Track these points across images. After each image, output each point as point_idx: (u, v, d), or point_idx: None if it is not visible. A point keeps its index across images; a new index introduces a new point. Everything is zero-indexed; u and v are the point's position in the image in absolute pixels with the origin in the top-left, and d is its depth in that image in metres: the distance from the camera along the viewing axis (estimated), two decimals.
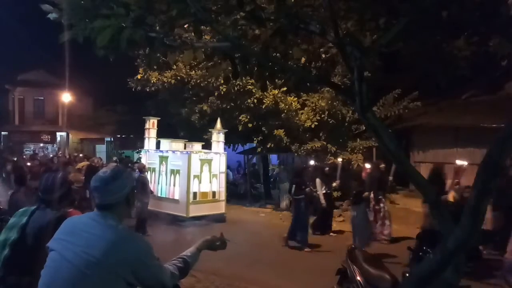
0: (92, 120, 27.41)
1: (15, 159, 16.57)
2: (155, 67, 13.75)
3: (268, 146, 13.25)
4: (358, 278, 4.20)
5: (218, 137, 12.41)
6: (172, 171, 11.58)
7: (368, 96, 3.05)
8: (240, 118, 13.22)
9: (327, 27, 3.09)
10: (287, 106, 12.40)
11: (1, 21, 23.34)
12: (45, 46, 21.89)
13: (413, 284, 3.01)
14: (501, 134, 2.62)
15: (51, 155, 20.20)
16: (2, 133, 27.63)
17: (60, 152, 23.42)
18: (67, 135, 27.81)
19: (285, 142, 12.66)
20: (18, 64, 25.90)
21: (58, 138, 28.62)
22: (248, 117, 13.11)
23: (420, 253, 3.94)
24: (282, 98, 12.46)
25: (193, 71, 13.88)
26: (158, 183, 12.01)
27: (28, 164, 14.53)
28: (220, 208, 11.90)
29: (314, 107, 12.40)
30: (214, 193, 11.73)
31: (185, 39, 3.22)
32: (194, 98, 14.54)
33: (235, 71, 3.26)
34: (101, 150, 26.96)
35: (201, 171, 11.45)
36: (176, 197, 11.36)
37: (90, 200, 11.52)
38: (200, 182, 11.37)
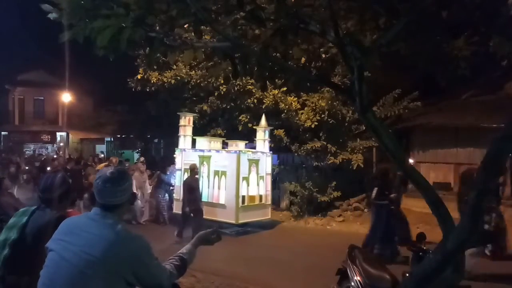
0: (92, 120, 27.41)
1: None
2: (155, 67, 13.78)
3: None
4: (358, 278, 4.20)
5: (263, 135, 11.41)
6: (216, 173, 10.28)
7: (368, 96, 3.05)
8: (240, 118, 13.22)
9: (327, 27, 3.09)
10: (287, 106, 12.39)
11: (1, 21, 23.35)
12: (45, 46, 21.89)
13: (413, 284, 3.01)
14: (501, 134, 2.62)
15: (62, 155, 19.90)
16: (2, 133, 27.63)
17: (61, 152, 23.43)
18: (67, 135, 27.81)
19: (285, 142, 12.66)
20: (18, 64, 25.92)
21: (58, 138, 28.62)
22: (248, 117, 13.11)
23: (420, 253, 3.93)
24: (282, 98, 12.46)
25: (193, 71, 13.87)
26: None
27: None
28: (267, 213, 10.96)
29: (314, 107, 12.39)
30: (261, 197, 10.70)
31: (185, 39, 3.22)
32: (194, 98, 14.54)
33: (235, 71, 3.26)
34: (101, 150, 26.97)
35: (249, 172, 10.37)
36: (222, 201, 10.07)
37: None
38: (248, 185, 10.24)
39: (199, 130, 14.43)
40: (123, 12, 2.63)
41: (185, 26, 3.25)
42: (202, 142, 11.23)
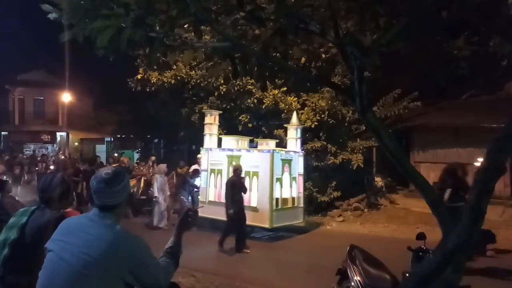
0: (92, 120, 27.42)
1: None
2: (155, 67, 13.78)
3: None
4: (358, 278, 4.20)
5: (295, 134, 10.76)
6: (247, 173, 9.49)
7: (368, 96, 3.05)
8: (240, 118, 13.23)
9: (327, 27, 3.09)
10: (287, 106, 12.40)
11: (1, 21, 23.35)
12: (45, 46, 21.91)
13: (413, 284, 3.01)
14: (501, 135, 2.62)
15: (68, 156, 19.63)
16: (2, 133, 27.61)
17: (60, 152, 23.42)
18: (67, 135, 27.80)
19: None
20: (18, 64, 25.91)
21: (58, 138, 28.61)
22: (248, 117, 13.12)
23: (420, 253, 3.93)
24: (282, 98, 12.46)
25: (193, 71, 13.88)
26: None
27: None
28: (299, 216, 10.27)
29: (314, 107, 12.40)
30: (293, 199, 10.06)
31: (185, 39, 3.22)
32: (194, 98, 14.54)
33: (235, 71, 3.26)
34: (101, 150, 26.97)
35: (282, 173, 9.72)
36: (254, 204, 9.31)
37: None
38: (281, 186, 9.61)
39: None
40: (123, 12, 2.63)
41: (185, 26, 3.25)
42: (229, 141, 10.60)
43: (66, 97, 24.30)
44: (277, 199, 9.33)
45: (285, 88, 12.44)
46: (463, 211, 2.68)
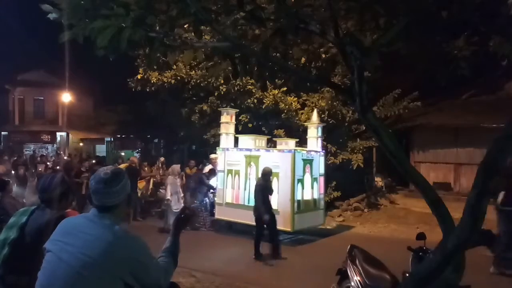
0: (92, 120, 27.42)
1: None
2: (155, 67, 13.76)
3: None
4: (358, 278, 4.20)
5: (316, 133, 10.22)
6: None
7: (368, 96, 3.05)
8: (240, 118, 13.22)
9: (327, 27, 3.09)
10: (287, 106, 12.40)
11: (1, 21, 23.34)
12: (45, 46, 21.90)
13: (413, 284, 3.01)
14: (501, 135, 2.62)
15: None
16: (2, 133, 27.61)
17: (61, 152, 23.41)
18: (67, 135, 27.81)
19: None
20: (18, 64, 25.93)
21: (58, 138, 28.62)
22: (248, 117, 13.12)
23: (420, 253, 3.93)
24: (282, 98, 12.46)
25: (193, 71, 13.87)
26: (245, 189, 9.56)
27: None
28: (320, 218, 9.88)
29: (314, 107, 12.39)
30: (315, 201, 9.64)
31: (185, 39, 3.22)
32: (194, 98, 14.54)
33: (235, 71, 3.27)
34: (101, 150, 26.97)
35: (304, 173, 9.29)
36: (274, 206, 8.58)
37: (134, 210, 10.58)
38: (303, 188, 9.20)
39: (199, 130, 14.47)
40: (123, 12, 2.63)
41: (185, 26, 3.25)
42: (246, 140, 10.12)
43: (66, 97, 24.31)
44: (298, 201, 8.92)
45: (285, 88, 12.44)
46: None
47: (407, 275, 3.80)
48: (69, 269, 1.75)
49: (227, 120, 10.39)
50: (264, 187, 7.97)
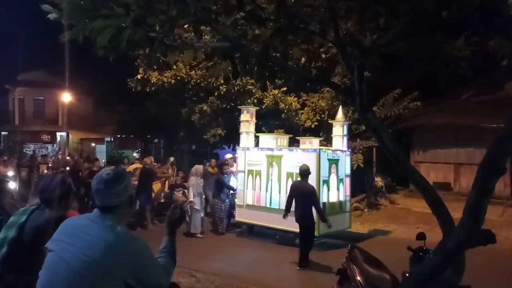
0: (92, 120, 27.43)
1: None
2: (155, 67, 13.76)
3: None
4: (358, 278, 4.20)
5: (341, 131, 9.69)
6: (290, 175, 8.66)
7: (368, 96, 3.05)
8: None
9: (327, 27, 3.09)
10: (287, 106, 12.40)
11: (1, 21, 23.35)
12: (45, 46, 21.89)
13: (413, 284, 3.01)
14: (501, 134, 2.62)
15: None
16: (2, 133, 27.61)
17: (60, 152, 23.40)
18: (67, 135, 27.80)
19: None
20: (18, 64, 25.95)
21: (58, 138, 28.62)
22: None
23: (420, 253, 3.93)
24: (282, 98, 12.46)
25: (193, 71, 13.88)
26: (267, 191, 9.09)
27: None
28: (346, 222, 9.29)
29: (314, 107, 12.40)
30: (341, 204, 9.12)
31: (185, 39, 3.23)
32: (194, 98, 14.54)
33: (235, 71, 3.27)
34: (101, 150, 26.98)
35: (329, 174, 8.80)
36: None
37: (144, 213, 9.98)
38: (329, 190, 8.72)
39: (199, 130, 14.48)
40: (123, 12, 2.63)
41: (185, 26, 3.25)
42: (267, 139, 9.77)
43: (66, 97, 24.30)
44: (324, 203, 8.37)
45: (285, 88, 12.44)
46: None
47: (407, 275, 3.80)
48: (70, 269, 1.76)
49: (247, 118, 9.96)
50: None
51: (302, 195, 7.12)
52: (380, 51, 3.35)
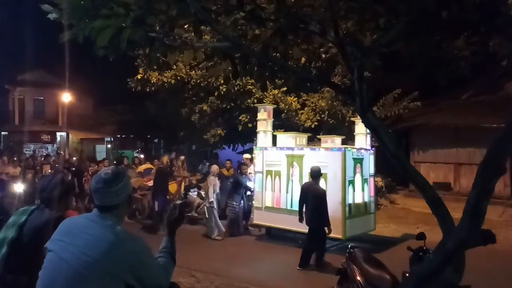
0: (92, 120, 27.41)
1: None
2: (155, 67, 13.75)
3: None
4: (358, 278, 4.20)
5: (365, 128, 9.06)
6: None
7: (368, 96, 3.05)
8: (240, 118, 13.22)
9: (327, 27, 3.09)
10: (287, 106, 12.40)
11: (1, 21, 23.34)
12: (45, 46, 21.88)
13: (413, 284, 3.01)
14: (501, 134, 2.62)
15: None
16: (2, 133, 27.61)
17: (61, 151, 23.39)
18: (67, 135, 27.81)
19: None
20: (18, 64, 25.90)
21: (58, 138, 28.62)
22: (248, 117, 13.12)
23: (420, 253, 3.93)
24: (282, 98, 12.46)
25: (193, 71, 13.88)
26: (287, 192, 8.67)
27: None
28: (371, 223, 8.91)
29: (314, 107, 12.40)
30: (366, 205, 8.68)
31: (185, 39, 3.22)
32: (194, 98, 14.55)
33: (235, 71, 3.27)
34: (101, 150, 26.97)
35: (354, 174, 8.35)
36: None
37: (161, 212, 9.18)
38: (354, 190, 8.24)
39: (199, 130, 14.48)
40: (123, 12, 2.63)
41: (185, 26, 3.25)
42: (285, 138, 9.36)
43: (66, 97, 24.31)
44: (349, 204, 7.97)
45: (285, 88, 12.44)
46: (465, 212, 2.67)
47: (407, 275, 3.80)
48: (70, 269, 1.75)
49: (265, 117, 9.54)
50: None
51: (313, 197, 7.03)
52: (380, 51, 3.35)
